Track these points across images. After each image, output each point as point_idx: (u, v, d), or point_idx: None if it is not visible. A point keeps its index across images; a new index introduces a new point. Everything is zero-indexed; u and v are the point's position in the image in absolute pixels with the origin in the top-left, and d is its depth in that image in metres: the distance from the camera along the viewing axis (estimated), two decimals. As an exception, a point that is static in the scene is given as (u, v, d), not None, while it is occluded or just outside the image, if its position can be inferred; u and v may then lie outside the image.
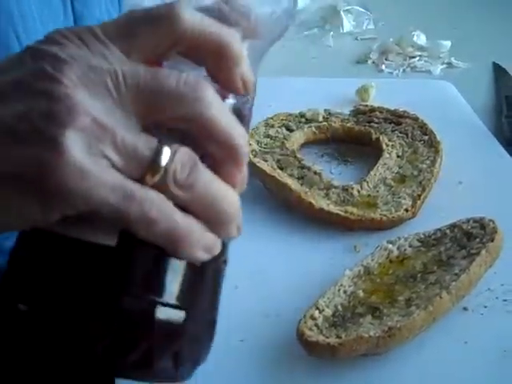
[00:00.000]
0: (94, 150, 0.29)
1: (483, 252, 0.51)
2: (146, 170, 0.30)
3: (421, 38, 1.05)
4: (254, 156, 0.68)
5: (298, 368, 0.46)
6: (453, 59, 1.01)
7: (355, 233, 0.59)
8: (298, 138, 0.72)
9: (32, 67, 0.31)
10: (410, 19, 1.14)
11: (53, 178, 0.29)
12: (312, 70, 0.97)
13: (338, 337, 0.46)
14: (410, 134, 0.71)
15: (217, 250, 0.32)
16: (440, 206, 0.63)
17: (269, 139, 0.72)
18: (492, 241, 0.52)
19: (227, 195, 0.32)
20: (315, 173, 0.65)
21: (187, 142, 0.32)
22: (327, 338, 0.46)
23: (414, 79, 0.96)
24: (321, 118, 0.75)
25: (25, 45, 0.39)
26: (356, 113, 0.76)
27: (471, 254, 0.51)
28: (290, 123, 0.74)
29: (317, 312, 0.48)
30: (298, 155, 0.69)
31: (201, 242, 0.31)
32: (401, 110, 0.75)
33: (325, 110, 0.76)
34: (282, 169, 0.66)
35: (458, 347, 0.48)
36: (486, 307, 0.52)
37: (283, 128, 0.73)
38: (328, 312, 0.48)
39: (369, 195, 0.63)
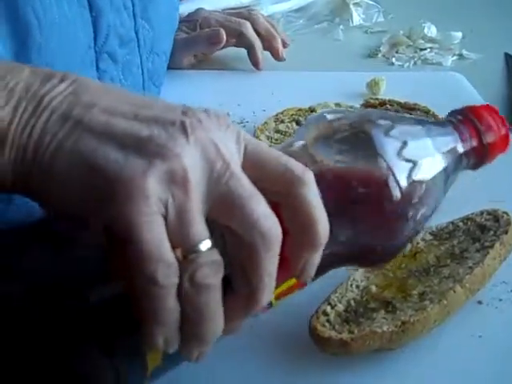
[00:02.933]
0: (164, 193, 0.31)
1: (497, 244, 0.50)
2: (179, 245, 0.31)
3: (431, 30, 1.03)
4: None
5: (309, 363, 0.46)
6: (464, 50, 1.00)
7: (367, 227, 0.59)
8: (308, 132, 0.72)
9: (175, 117, 0.33)
10: (420, 11, 1.13)
11: (120, 185, 0.31)
12: (322, 64, 0.96)
13: (351, 332, 0.45)
14: (421, 127, 0.71)
15: (171, 349, 0.33)
16: (453, 199, 0.62)
17: (279, 134, 0.71)
18: (506, 233, 0.51)
19: (214, 321, 0.33)
20: (326, 167, 0.65)
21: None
22: (340, 333, 0.45)
23: (425, 71, 0.95)
24: (331, 112, 0.74)
25: (43, 24, 0.48)
26: (366, 106, 0.75)
27: (485, 246, 0.51)
28: (300, 118, 0.74)
29: (329, 307, 0.47)
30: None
31: (165, 334, 0.32)
32: (412, 102, 0.74)
33: (335, 104, 0.75)
34: (292, 164, 0.66)
35: (472, 341, 0.48)
36: (500, 300, 0.51)
37: (293, 123, 0.73)
38: (340, 307, 0.48)
39: (380, 189, 0.62)
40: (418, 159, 0.41)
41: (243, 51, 0.92)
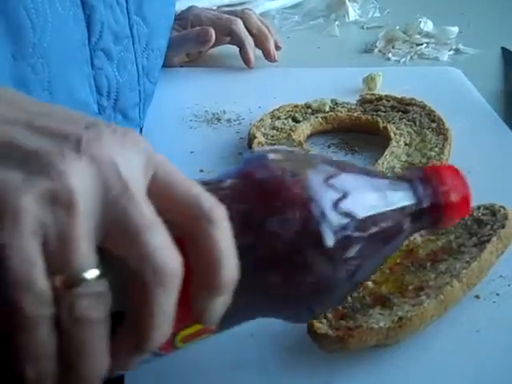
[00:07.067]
0: (44, 214, 0.28)
1: (494, 239, 0.50)
2: (60, 273, 0.29)
3: (428, 25, 1.03)
4: (261, 148, 0.67)
5: (308, 361, 0.46)
6: (461, 45, 1.00)
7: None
8: (304, 128, 0.72)
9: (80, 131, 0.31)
10: (417, 6, 1.13)
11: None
12: (318, 60, 0.96)
13: (348, 328, 0.45)
14: (417, 122, 0.70)
15: None
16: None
17: (275, 131, 0.71)
18: (503, 227, 0.51)
19: (94, 358, 0.30)
20: (322, 163, 0.65)
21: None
22: (337, 329, 0.45)
23: (422, 66, 0.95)
24: (327, 108, 0.74)
25: (36, 24, 0.48)
26: (363, 102, 0.75)
27: (482, 241, 0.51)
28: (296, 114, 0.73)
29: (326, 304, 0.47)
30: (305, 146, 0.68)
31: (36, 367, 0.29)
32: (408, 97, 0.74)
33: (331, 100, 0.75)
34: (288, 160, 0.66)
35: (469, 336, 0.47)
36: (498, 295, 0.51)
37: (289, 119, 0.73)
38: (337, 303, 0.47)
39: (377, 184, 0.62)
40: (358, 213, 0.37)
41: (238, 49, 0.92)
